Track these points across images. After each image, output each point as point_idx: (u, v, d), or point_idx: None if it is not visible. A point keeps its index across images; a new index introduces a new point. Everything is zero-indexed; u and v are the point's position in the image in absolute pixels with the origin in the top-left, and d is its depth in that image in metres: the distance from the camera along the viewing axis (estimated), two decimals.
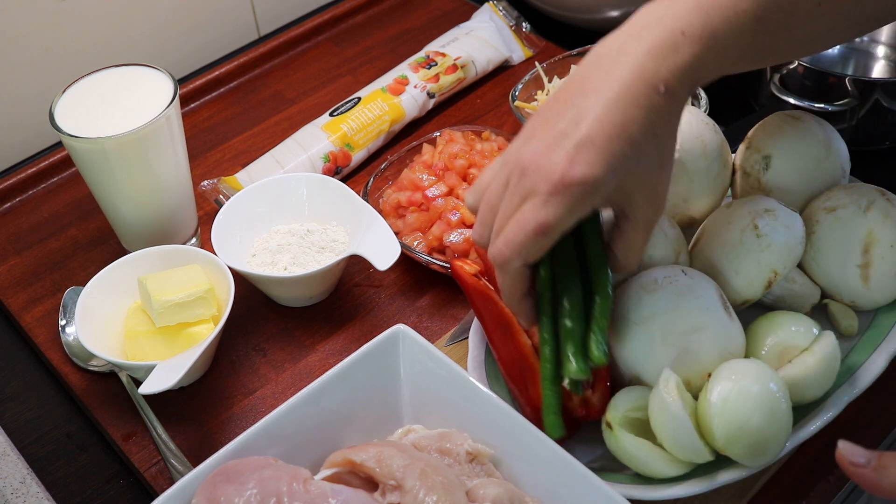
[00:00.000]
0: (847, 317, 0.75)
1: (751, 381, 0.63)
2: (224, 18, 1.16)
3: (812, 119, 0.77)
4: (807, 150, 0.76)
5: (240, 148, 1.04)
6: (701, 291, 0.67)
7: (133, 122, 0.79)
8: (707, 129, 0.77)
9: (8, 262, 0.93)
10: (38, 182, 1.01)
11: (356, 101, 1.01)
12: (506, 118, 1.05)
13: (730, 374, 0.64)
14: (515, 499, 0.63)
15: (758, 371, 0.63)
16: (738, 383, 0.63)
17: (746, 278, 0.70)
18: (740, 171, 0.78)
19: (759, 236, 0.70)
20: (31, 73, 1.02)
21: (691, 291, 0.67)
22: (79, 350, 0.83)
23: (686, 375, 0.66)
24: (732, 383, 0.63)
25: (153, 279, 0.77)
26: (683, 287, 0.67)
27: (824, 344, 0.67)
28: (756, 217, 0.70)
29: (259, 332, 0.85)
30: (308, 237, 0.86)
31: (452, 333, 0.83)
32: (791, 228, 0.70)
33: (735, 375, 0.63)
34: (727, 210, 0.73)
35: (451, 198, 0.87)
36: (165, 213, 0.87)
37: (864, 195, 0.73)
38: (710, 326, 0.66)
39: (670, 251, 0.73)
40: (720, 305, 0.67)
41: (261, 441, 0.64)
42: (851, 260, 0.72)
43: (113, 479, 0.77)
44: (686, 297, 0.67)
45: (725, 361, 0.65)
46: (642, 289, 0.68)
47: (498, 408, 0.65)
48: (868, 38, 1.09)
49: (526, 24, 1.16)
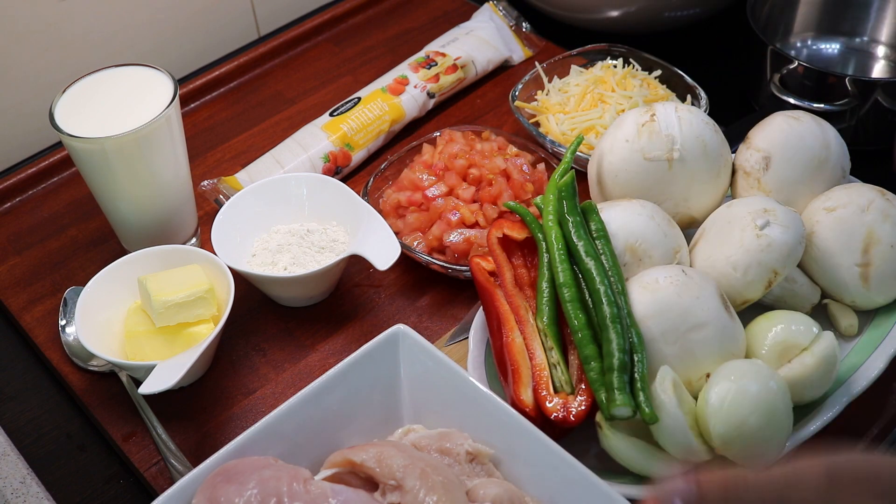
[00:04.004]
0: (847, 317, 0.75)
1: (750, 380, 0.63)
2: (224, 18, 1.16)
3: (812, 119, 0.77)
4: (807, 150, 0.76)
5: (240, 148, 1.04)
6: (701, 291, 0.67)
7: (133, 122, 0.79)
8: (707, 129, 0.77)
9: (8, 262, 0.93)
10: (38, 182, 1.01)
11: (356, 101, 1.01)
12: (506, 118, 1.05)
13: (729, 373, 0.64)
14: (515, 499, 0.63)
15: (757, 371, 0.63)
16: (737, 383, 0.63)
17: (747, 278, 0.70)
18: (740, 170, 0.78)
19: (760, 236, 0.70)
20: (31, 73, 1.02)
21: (692, 291, 0.67)
22: (79, 350, 0.83)
23: (686, 375, 0.66)
24: (731, 383, 0.63)
25: (153, 279, 0.77)
26: (684, 286, 0.67)
27: (824, 344, 0.67)
28: (756, 217, 0.70)
29: (259, 332, 0.85)
30: (308, 237, 0.86)
31: (452, 333, 0.83)
32: (791, 228, 0.70)
33: (734, 375, 0.63)
34: (727, 210, 0.74)
35: (451, 198, 0.87)
36: (165, 213, 0.87)
37: (864, 195, 0.73)
38: (711, 326, 0.66)
39: (670, 251, 0.73)
40: (720, 305, 0.67)
41: (261, 441, 0.64)
42: (851, 260, 0.72)
43: (113, 480, 0.77)
44: (686, 297, 0.67)
45: (725, 361, 0.66)
46: (643, 288, 0.68)
47: (498, 408, 0.65)
48: (868, 37, 1.09)
49: (526, 24, 1.15)
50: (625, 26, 1.12)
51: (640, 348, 0.66)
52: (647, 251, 0.72)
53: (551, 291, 0.71)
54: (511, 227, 0.77)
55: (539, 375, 0.69)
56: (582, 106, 0.97)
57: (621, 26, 1.12)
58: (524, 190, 0.87)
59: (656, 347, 0.66)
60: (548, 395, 0.67)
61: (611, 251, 0.71)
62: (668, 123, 0.76)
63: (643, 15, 1.10)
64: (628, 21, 1.11)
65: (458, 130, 0.95)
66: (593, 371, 0.66)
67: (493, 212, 0.85)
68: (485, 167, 0.88)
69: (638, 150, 0.77)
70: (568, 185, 0.75)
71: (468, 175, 0.88)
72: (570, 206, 0.74)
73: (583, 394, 0.67)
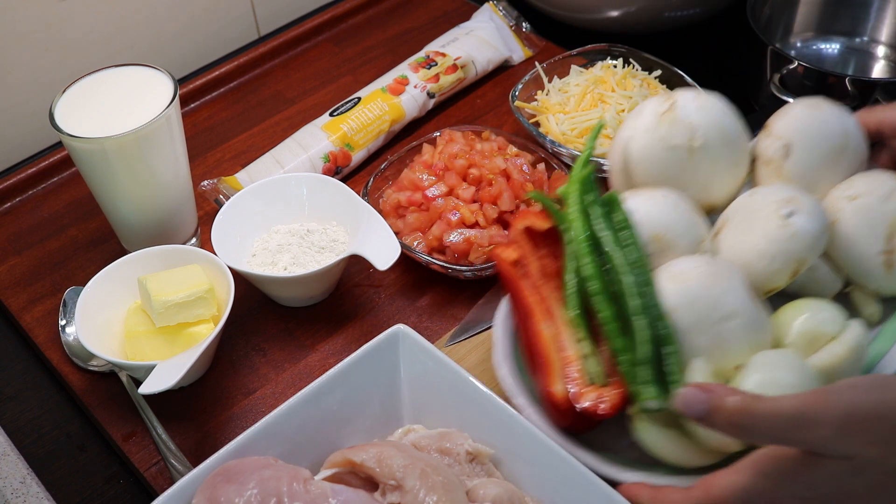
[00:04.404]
0: (870, 304, 0.74)
1: (783, 371, 0.62)
2: (224, 18, 1.16)
3: (831, 106, 0.76)
4: (827, 137, 0.75)
5: (240, 148, 1.04)
6: (730, 280, 0.66)
7: (133, 122, 0.79)
8: (727, 116, 0.76)
9: (8, 262, 0.93)
10: (38, 182, 1.01)
11: (356, 101, 1.01)
12: (506, 118, 1.05)
13: (763, 364, 0.63)
14: (515, 499, 0.63)
15: (790, 361, 0.63)
16: (772, 374, 0.62)
17: (773, 267, 0.69)
18: (761, 158, 0.77)
19: (785, 225, 0.69)
20: (31, 73, 1.02)
21: (721, 281, 0.66)
22: (79, 350, 0.83)
23: (717, 367, 0.65)
24: (765, 374, 0.62)
25: (153, 279, 0.77)
26: (713, 276, 0.66)
27: (853, 333, 0.66)
28: (781, 206, 0.69)
29: (259, 332, 0.85)
30: (308, 237, 0.86)
31: (452, 333, 0.83)
32: (816, 217, 0.69)
33: (768, 366, 0.63)
34: (750, 198, 0.72)
35: (451, 198, 0.87)
36: (165, 213, 0.87)
37: (886, 183, 0.72)
38: (741, 315, 0.65)
39: (696, 239, 0.72)
40: (748, 294, 0.66)
41: (261, 441, 0.64)
42: (874, 248, 0.72)
43: (113, 479, 0.77)
44: (716, 287, 0.66)
45: (756, 350, 0.65)
46: (671, 279, 0.67)
47: (498, 408, 0.65)
48: (868, 37, 1.09)
49: (526, 24, 1.15)
50: (625, 26, 1.12)
51: (672, 340, 0.65)
52: (672, 240, 0.71)
53: (578, 282, 0.70)
54: (535, 218, 0.75)
55: (570, 368, 0.67)
56: (582, 106, 0.97)
57: (621, 26, 1.12)
58: (524, 190, 0.87)
59: (687, 339, 0.65)
60: (579, 387, 0.66)
61: (636, 242, 0.70)
62: (688, 111, 0.76)
63: (643, 15, 1.10)
64: (628, 21, 1.11)
65: (458, 130, 0.95)
66: (624, 363, 0.65)
67: (493, 212, 0.85)
68: (485, 167, 0.88)
69: (658, 139, 0.75)
70: (590, 176, 0.74)
71: (468, 175, 0.88)
72: (593, 196, 0.72)
73: (615, 385, 0.66)
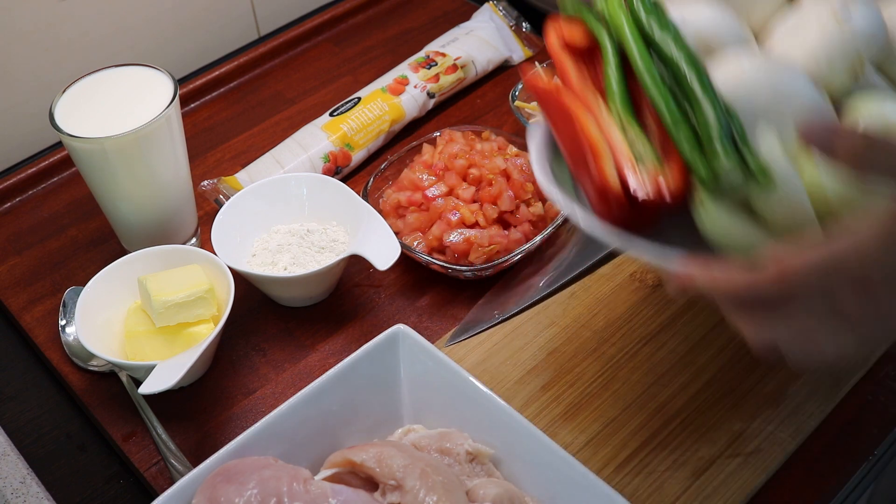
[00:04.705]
0: None
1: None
2: (224, 18, 1.16)
3: None
4: None
5: (240, 148, 1.04)
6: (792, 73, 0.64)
7: (133, 122, 0.79)
8: None
9: (8, 262, 0.93)
10: (38, 182, 1.01)
11: (356, 101, 1.01)
12: (506, 118, 1.05)
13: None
14: (515, 499, 0.63)
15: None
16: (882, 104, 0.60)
17: (832, 68, 0.66)
18: None
19: (842, 22, 0.65)
20: (31, 73, 1.02)
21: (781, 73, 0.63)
22: (79, 350, 0.83)
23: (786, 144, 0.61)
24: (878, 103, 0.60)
25: (153, 279, 0.77)
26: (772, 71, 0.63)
27: None
28: (835, 3, 0.66)
29: (259, 332, 0.85)
30: (308, 237, 0.86)
31: (452, 333, 0.83)
32: (872, 12, 0.66)
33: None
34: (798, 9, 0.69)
35: (451, 198, 0.87)
36: (165, 213, 0.87)
37: None
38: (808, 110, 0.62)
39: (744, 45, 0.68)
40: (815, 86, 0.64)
41: (261, 441, 0.64)
42: None
43: (113, 480, 0.77)
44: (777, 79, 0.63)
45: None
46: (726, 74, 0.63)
47: (498, 408, 0.66)
48: None
49: (526, 24, 1.16)
50: None
51: (739, 122, 0.60)
52: (720, 46, 0.67)
53: (620, 74, 0.65)
54: (570, 32, 0.69)
55: (619, 151, 0.61)
56: None
57: None
58: (524, 190, 0.87)
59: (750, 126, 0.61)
60: (632, 168, 0.60)
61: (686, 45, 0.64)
62: None
63: None
64: None
65: (458, 130, 0.95)
66: (688, 142, 0.59)
67: (494, 212, 0.85)
68: (485, 167, 0.88)
69: None
70: None
71: (468, 175, 0.88)
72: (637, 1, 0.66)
73: (673, 164, 0.60)
